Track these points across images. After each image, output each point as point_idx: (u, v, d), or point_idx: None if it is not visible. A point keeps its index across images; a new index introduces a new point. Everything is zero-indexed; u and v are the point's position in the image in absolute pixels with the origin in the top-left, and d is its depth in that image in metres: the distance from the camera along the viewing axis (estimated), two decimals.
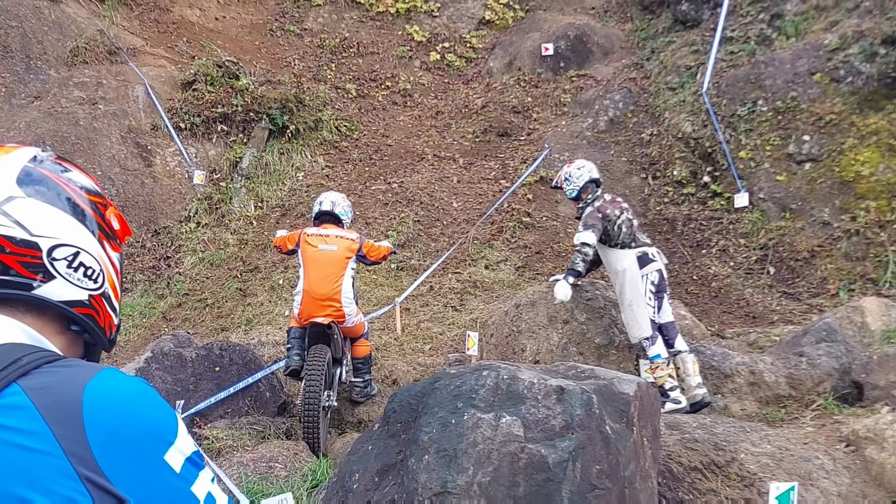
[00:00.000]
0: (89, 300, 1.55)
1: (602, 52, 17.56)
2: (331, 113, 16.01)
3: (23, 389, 1.29)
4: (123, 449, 1.29)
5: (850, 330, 8.45)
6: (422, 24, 19.10)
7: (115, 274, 1.65)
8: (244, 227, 13.89)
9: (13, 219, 1.46)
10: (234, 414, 8.39)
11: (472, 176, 14.86)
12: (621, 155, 14.72)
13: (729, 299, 11.55)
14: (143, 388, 1.38)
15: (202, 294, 12.65)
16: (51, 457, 1.24)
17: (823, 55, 13.04)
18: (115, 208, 1.68)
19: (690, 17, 16.54)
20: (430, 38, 18.84)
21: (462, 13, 19.47)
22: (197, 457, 1.39)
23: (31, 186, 1.51)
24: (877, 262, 11.12)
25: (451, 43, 18.79)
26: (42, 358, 1.36)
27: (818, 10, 14.24)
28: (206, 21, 17.82)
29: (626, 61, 17.06)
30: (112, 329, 1.65)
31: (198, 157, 14.55)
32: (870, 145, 11.95)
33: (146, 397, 1.37)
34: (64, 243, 1.50)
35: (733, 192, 12.82)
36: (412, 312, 11.62)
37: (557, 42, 17.47)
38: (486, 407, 4.92)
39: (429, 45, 18.70)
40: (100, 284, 1.57)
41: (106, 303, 1.60)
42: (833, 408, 7.37)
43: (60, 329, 1.53)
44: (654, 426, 5.31)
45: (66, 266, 1.51)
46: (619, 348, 7.58)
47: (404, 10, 19.24)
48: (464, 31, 19.13)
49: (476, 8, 19.51)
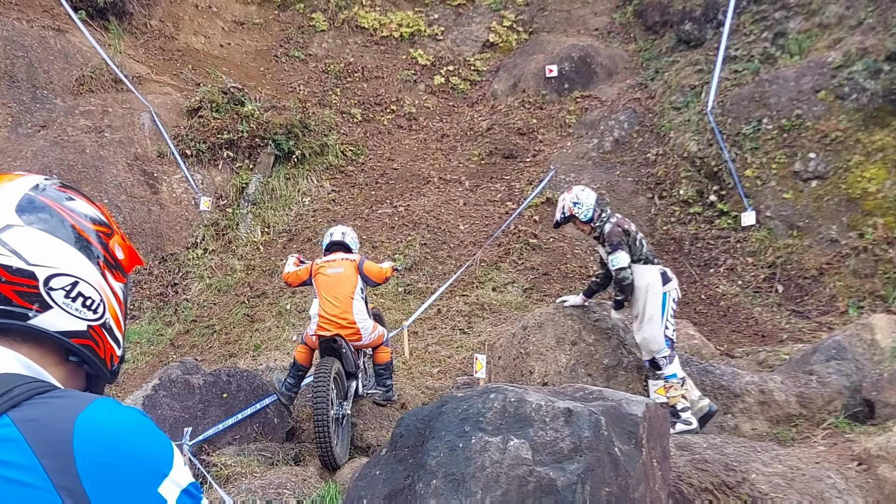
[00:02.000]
0: (88, 331, 1.53)
1: (606, 73, 17.58)
2: (336, 137, 16.04)
3: (13, 421, 1.27)
4: (115, 482, 1.27)
5: (860, 347, 8.41)
6: (426, 48, 19.15)
7: (119, 305, 1.62)
8: (251, 252, 13.90)
9: (10, 247, 1.45)
10: (242, 440, 8.37)
11: (479, 198, 14.86)
12: (627, 175, 14.71)
13: (738, 318, 11.50)
14: (137, 418, 1.36)
15: (210, 320, 12.65)
16: (40, 490, 1.22)
17: (827, 73, 13.04)
18: (121, 238, 1.66)
19: (694, 37, 16.56)
20: (435, 61, 18.88)
21: (466, 36, 19.52)
22: (194, 488, 1.37)
23: (31, 214, 1.49)
24: (886, 278, 11.08)
25: (455, 66, 18.83)
26: (34, 389, 1.34)
27: (821, 27, 14.25)
28: (211, 48, 17.90)
29: (630, 82, 17.08)
30: (114, 360, 1.62)
31: (204, 184, 14.58)
32: (876, 162, 11.92)
33: (140, 428, 1.35)
34: (62, 273, 1.49)
35: (740, 210, 12.80)
36: (420, 336, 11.60)
37: (561, 63, 17.50)
38: (493, 430, 4.90)
39: (433, 68, 18.74)
40: (100, 315, 1.55)
41: (107, 334, 1.58)
42: (844, 426, 7.32)
43: (59, 360, 1.51)
44: (663, 447, 5.27)
45: (64, 296, 1.49)
46: (628, 369, 7.55)
47: (408, 34, 19.30)
48: (468, 54, 19.18)
49: (480, 31, 19.56)
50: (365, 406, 8.91)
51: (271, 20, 19.32)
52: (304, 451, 8.26)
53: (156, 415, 8.18)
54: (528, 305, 11.78)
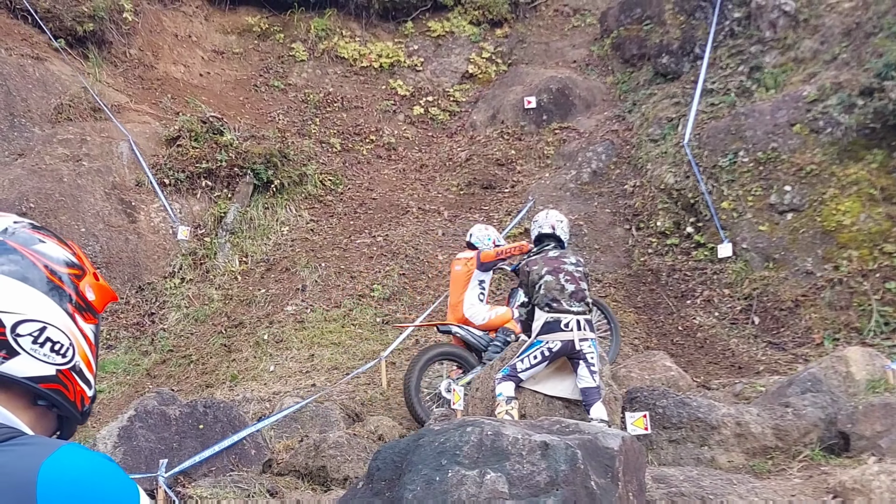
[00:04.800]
0: (57, 375, 1.52)
1: (584, 105, 17.70)
2: (315, 167, 16.05)
3: None
4: None
5: (836, 380, 8.45)
6: (405, 79, 19.24)
7: (89, 346, 1.62)
8: (229, 282, 13.86)
9: None
10: (218, 472, 8.31)
11: (457, 228, 14.88)
12: (605, 206, 14.78)
13: (714, 350, 11.55)
14: (102, 464, 1.35)
15: (187, 350, 12.58)
16: None
17: (803, 106, 13.17)
18: (94, 276, 1.65)
19: (671, 70, 16.71)
20: (414, 92, 18.96)
21: (445, 67, 19.63)
22: None
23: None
24: (861, 311, 11.15)
25: (434, 97, 18.92)
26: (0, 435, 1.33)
27: (796, 62, 14.41)
28: (190, 77, 17.92)
29: (608, 114, 17.20)
30: (85, 402, 1.61)
31: (182, 213, 14.54)
32: (850, 195, 12.03)
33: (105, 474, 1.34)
34: (29, 318, 1.48)
35: (716, 242, 12.87)
36: (398, 367, 11.57)
37: (540, 95, 17.61)
38: (470, 463, 4.89)
39: (413, 98, 18.82)
40: (69, 359, 1.54)
41: (77, 376, 1.57)
42: (820, 458, 7.35)
43: (27, 404, 1.50)
44: (639, 480, 5.27)
45: (32, 342, 1.48)
46: (605, 401, 7.55)
47: (388, 64, 19.38)
48: (447, 85, 19.28)
49: (459, 62, 19.68)
50: (343, 438, 8.87)
51: (251, 50, 19.37)
52: (280, 483, 8.20)
53: (131, 446, 8.13)
54: None
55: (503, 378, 7.63)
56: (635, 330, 12.17)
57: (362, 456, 8.61)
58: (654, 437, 7.70)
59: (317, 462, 8.38)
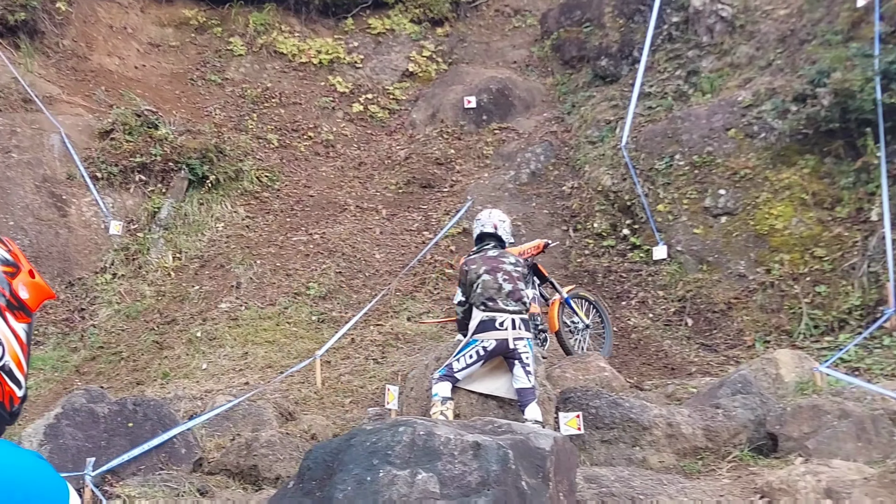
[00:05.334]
0: None
1: (524, 106, 17.75)
2: (252, 163, 15.87)
3: None
4: None
5: (765, 382, 8.57)
6: (345, 76, 19.12)
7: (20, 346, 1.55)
8: (162, 278, 13.66)
9: None
10: (147, 471, 8.16)
11: (395, 227, 14.84)
12: (543, 207, 14.83)
13: (648, 351, 11.64)
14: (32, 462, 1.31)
15: (117, 347, 12.38)
16: None
17: (738, 111, 13.35)
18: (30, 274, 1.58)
19: (610, 73, 16.84)
20: (354, 89, 18.85)
21: (385, 65, 19.55)
22: None
23: None
24: (791, 313, 11.32)
25: (374, 94, 18.83)
26: None
27: (732, 67, 14.60)
28: (125, 70, 17.62)
29: (547, 115, 17.27)
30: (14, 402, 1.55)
31: (115, 208, 14.29)
32: (783, 199, 12.21)
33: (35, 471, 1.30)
34: None
35: (652, 244, 12.99)
36: (333, 365, 11.50)
37: (480, 95, 17.62)
38: (402, 463, 4.86)
39: (352, 96, 18.71)
40: None
41: (6, 377, 1.51)
42: (748, 459, 7.44)
43: None
44: (570, 480, 5.28)
45: None
46: (539, 401, 7.56)
47: (327, 61, 19.24)
48: (387, 82, 19.20)
49: (399, 60, 19.61)
50: (275, 437, 8.77)
51: (188, 43, 19.10)
52: (210, 481, 8.09)
53: (58, 444, 7.97)
54: (443, 336, 11.75)
55: (440, 378, 7.61)
56: None
57: (295, 455, 8.52)
58: (586, 438, 7.73)
59: (248, 461, 8.28)
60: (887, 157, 11.45)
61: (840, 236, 11.60)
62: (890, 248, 10.82)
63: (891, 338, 10.39)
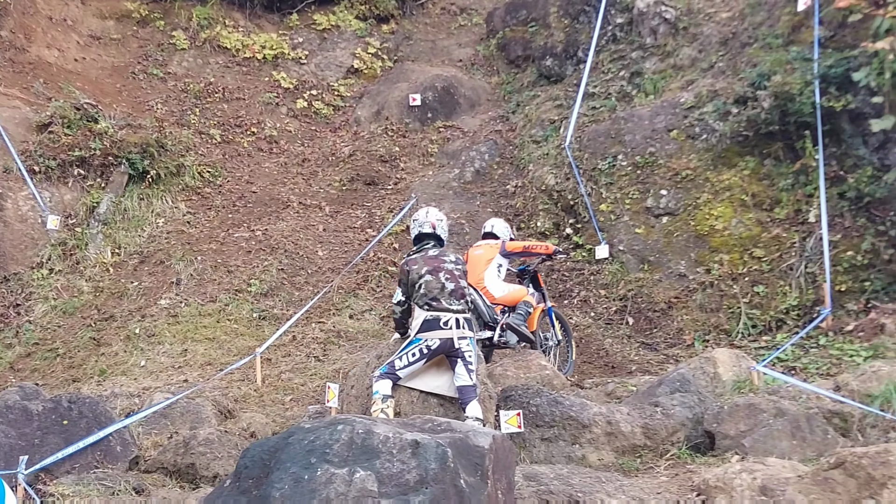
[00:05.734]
0: None
1: (469, 104, 17.78)
2: (194, 158, 15.69)
3: None
4: None
5: (703, 380, 8.65)
6: (289, 71, 19.00)
7: None
8: (100, 274, 13.45)
9: None
10: (81, 469, 8.04)
11: (339, 224, 14.77)
12: (487, 206, 14.85)
13: (589, 349, 11.70)
14: None
15: (53, 343, 12.18)
16: None
17: (680, 113, 13.48)
18: None
19: (554, 73, 16.92)
20: (298, 85, 18.74)
21: (330, 61, 19.46)
22: None
23: None
24: (730, 313, 11.46)
25: (318, 91, 18.73)
26: None
27: (675, 69, 14.74)
28: (64, 62, 17.33)
29: (492, 114, 17.32)
30: None
31: (52, 202, 14.04)
32: (723, 200, 12.35)
33: None
34: None
35: (594, 243, 13.07)
36: (273, 363, 11.42)
37: (425, 93, 17.62)
38: (339, 462, 4.82)
39: (296, 92, 18.59)
40: None
41: None
42: (686, 457, 7.51)
43: None
44: (508, 479, 5.28)
45: None
46: (480, 399, 7.55)
47: (271, 56, 19.11)
48: (332, 79, 19.11)
49: (344, 57, 19.53)
50: (213, 435, 8.68)
51: (129, 36, 18.85)
52: (146, 480, 7.98)
53: None
54: (385, 333, 11.73)
55: (380, 376, 7.58)
56: None
57: (233, 453, 8.44)
58: (527, 436, 7.74)
59: (186, 459, 8.18)
60: (825, 160, 11.63)
61: (778, 237, 11.76)
62: (827, 250, 11.00)
63: (827, 337, 10.56)
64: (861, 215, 11.41)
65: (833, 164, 11.74)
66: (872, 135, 11.36)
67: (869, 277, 11.06)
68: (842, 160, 11.77)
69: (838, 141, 11.86)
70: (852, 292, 11.06)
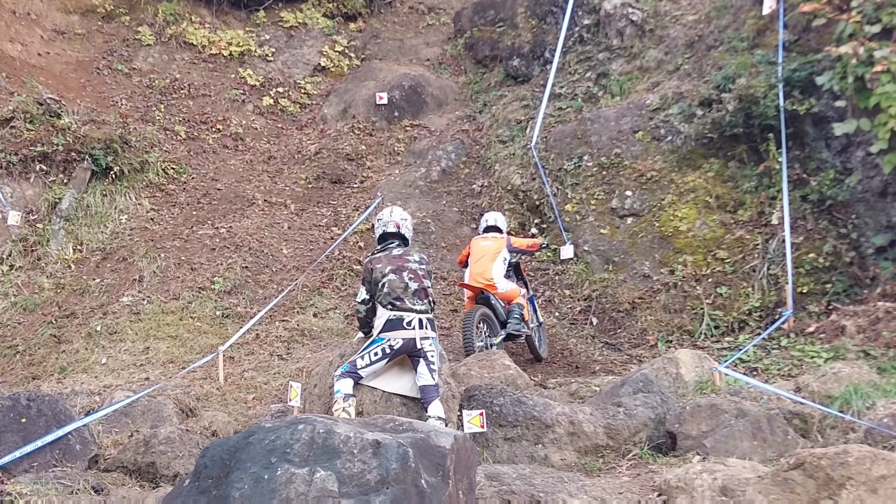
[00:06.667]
0: None
1: (436, 104, 17.79)
2: (158, 155, 15.57)
3: None
4: None
5: (666, 381, 8.68)
6: (255, 68, 18.91)
7: None
8: (62, 270, 13.32)
9: None
10: (40, 468, 7.94)
11: (304, 222, 14.72)
12: (453, 205, 14.87)
13: (553, 349, 11.72)
14: None
15: (13, 341, 12.04)
16: None
17: (646, 114, 13.54)
18: None
19: (521, 73, 16.98)
20: (264, 82, 18.67)
21: (297, 59, 19.39)
22: None
23: None
24: (693, 314, 11.53)
25: (285, 88, 18.66)
26: None
27: (641, 70, 14.81)
28: (28, 56, 17.14)
29: (459, 113, 17.34)
30: None
31: (13, 198, 13.89)
32: (688, 202, 12.43)
33: None
34: None
35: (559, 244, 13.11)
36: (236, 361, 11.35)
37: (392, 92, 17.61)
38: (300, 462, 4.79)
39: (262, 89, 18.52)
40: None
41: None
42: (648, 457, 7.53)
43: None
44: (470, 479, 5.27)
45: None
46: (443, 399, 7.55)
47: (238, 53, 19.01)
48: (298, 76, 19.05)
49: (311, 54, 19.47)
50: (175, 433, 8.61)
51: (94, 31, 18.69)
52: (106, 479, 7.90)
53: None
54: (350, 332, 11.69)
55: (342, 375, 7.55)
56: None
57: (194, 452, 8.37)
58: (489, 435, 7.73)
59: (146, 458, 8.11)
60: (788, 163, 11.74)
61: (742, 239, 11.85)
62: (789, 252, 11.09)
63: (788, 339, 10.64)
64: (823, 218, 11.52)
65: (796, 167, 11.84)
66: (835, 138, 11.47)
67: (830, 280, 11.18)
68: (805, 163, 11.87)
69: (801, 144, 11.97)
70: (814, 294, 11.17)
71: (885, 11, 10.63)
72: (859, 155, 11.33)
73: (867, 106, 10.55)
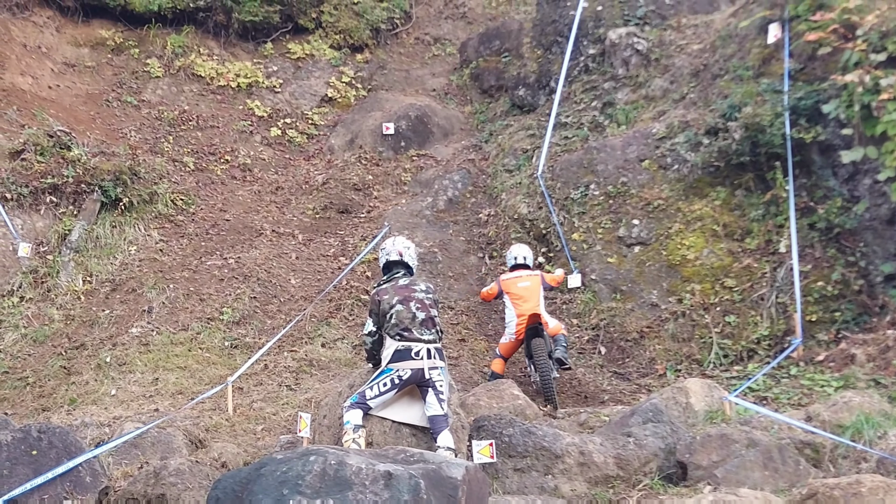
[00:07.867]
0: None
1: (442, 133, 17.88)
2: (167, 186, 15.65)
3: None
4: None
5: (676, 410, 8.67)
6: (263, 100, 19.04)
7: None
8: (71, 302, 13.36)
9: None
10: (51, 500, 7.95)
11: (312, 252, 14.76)
12: (460, 234, 14.90)
13: (562, 379, 11.70)
14: None
15: (23, 372, 12.06)
16: None
17: (652, 143, 13.58)
18: None
19: (527, 102, 17.07)
20: (272, 113, 18.79)
21: (304, 90, 19.52)
22: None
23: None
24: (702, 343, 11.51)
25: (292, 119, 18.78)
26: None
27: (647, 99, 14.87)
28: (38, 89, 17.27)
29: (465, 143, 17.42)
30: None
31: (24, 229, 13.96)
32: (695, 230, 12.44)
33: None
34: None
35: (567, 273, 13.09)
36: (245, 392, 11.36)
37: (398, 122, 17.71)
38: (312, 494, 4.81)
39: (270, 120, 18.64)
40: None
41: None
42: (659, 488, 7.50)
43: None
44: None
45: None
46: (452, 429, 7.55)
47: (245, 84, 19.14)
48: (306, 107, 19.17)
49: (318, 85, 19.59)
50: (185, 465, 8.61)
51: (104, 64, 18.83)
52: None
53: None
54: (357, 362, 11.70)
55: (352, 406, 7.54)
56: (485, 358, 12.26)
57: (204, 484, 8.37)
58: (499, 466, 7.73)
59: (156, 490, 8.09)
60: (795, 191, 11.74)
61: (749, 267, 11.84)
62: (798, 280, 11.08)
63: (798, 367, 10.61)
64: (831, 246, 11.50)
65: (803, 195, 11.84)
66: (842, 166, 11.47)
67: (839, 308, 11.15)
68: (812, 191, 11.87)
69: (808, 172, 11.98)
70: (823, 322, 11.14)
71: (890, 40, 10.69)
72: (866, 183, 11.33)
73: (874, 134, 10.60)
